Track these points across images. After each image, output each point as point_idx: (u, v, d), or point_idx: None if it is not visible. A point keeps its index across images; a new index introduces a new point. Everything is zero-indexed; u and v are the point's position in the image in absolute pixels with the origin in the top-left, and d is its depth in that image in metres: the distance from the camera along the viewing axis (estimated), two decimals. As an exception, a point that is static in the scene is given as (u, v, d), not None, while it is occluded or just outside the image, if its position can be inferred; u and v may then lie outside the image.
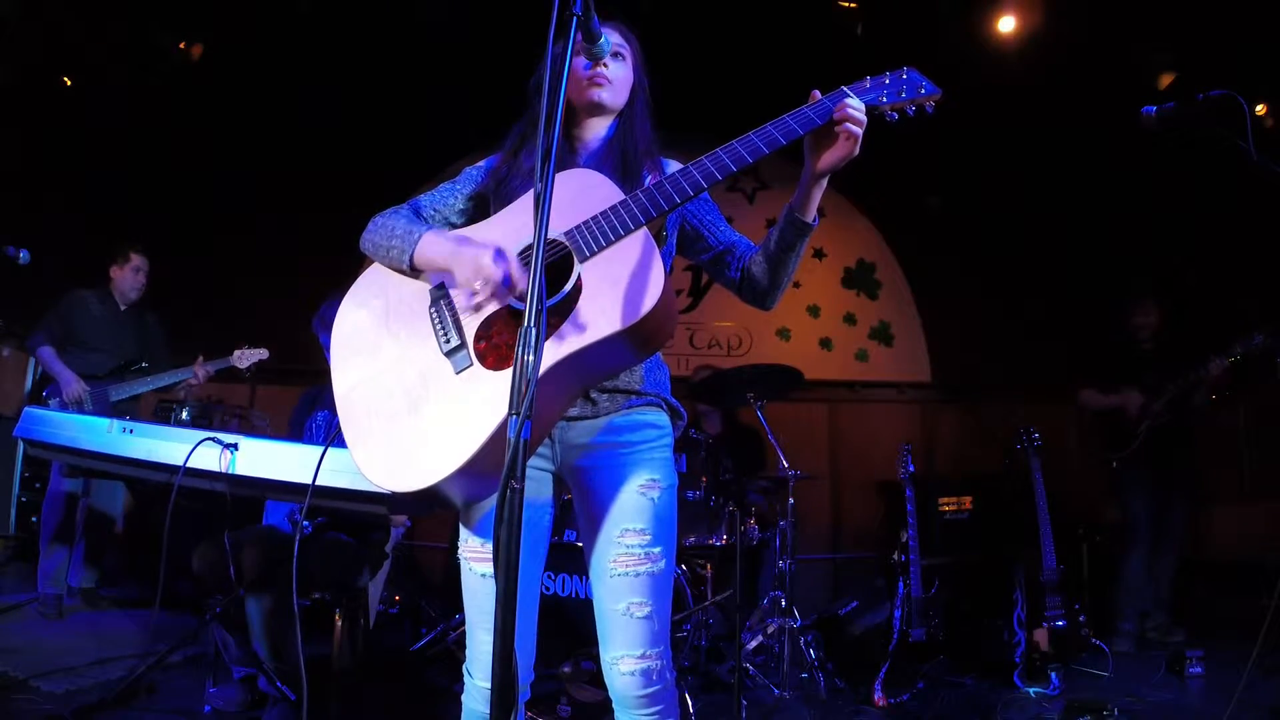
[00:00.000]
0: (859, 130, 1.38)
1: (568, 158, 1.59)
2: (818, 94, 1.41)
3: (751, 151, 1.40)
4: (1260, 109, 4.69)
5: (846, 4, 4.93)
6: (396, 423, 1.41)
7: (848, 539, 5.87)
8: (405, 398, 1.42)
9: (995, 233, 5.88)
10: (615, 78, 1.59)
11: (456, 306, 1.46)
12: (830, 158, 1.41)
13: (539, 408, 1.33)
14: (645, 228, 1.39)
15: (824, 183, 1.46)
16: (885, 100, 1.44)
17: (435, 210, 1.63)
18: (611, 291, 1.34)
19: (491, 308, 1.42)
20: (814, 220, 1.50)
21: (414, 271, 1.51)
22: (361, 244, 1.60)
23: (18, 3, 4.49)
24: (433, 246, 1.48)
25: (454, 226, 1.62)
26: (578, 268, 1.38)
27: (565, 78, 1.25)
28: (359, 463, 1.41)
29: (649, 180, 1.51)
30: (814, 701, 3.29)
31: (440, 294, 1.49)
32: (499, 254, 1.38)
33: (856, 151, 1.39)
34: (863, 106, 1.39)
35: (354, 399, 1.47)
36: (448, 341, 1.43)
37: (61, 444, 2.69)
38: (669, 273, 1.59)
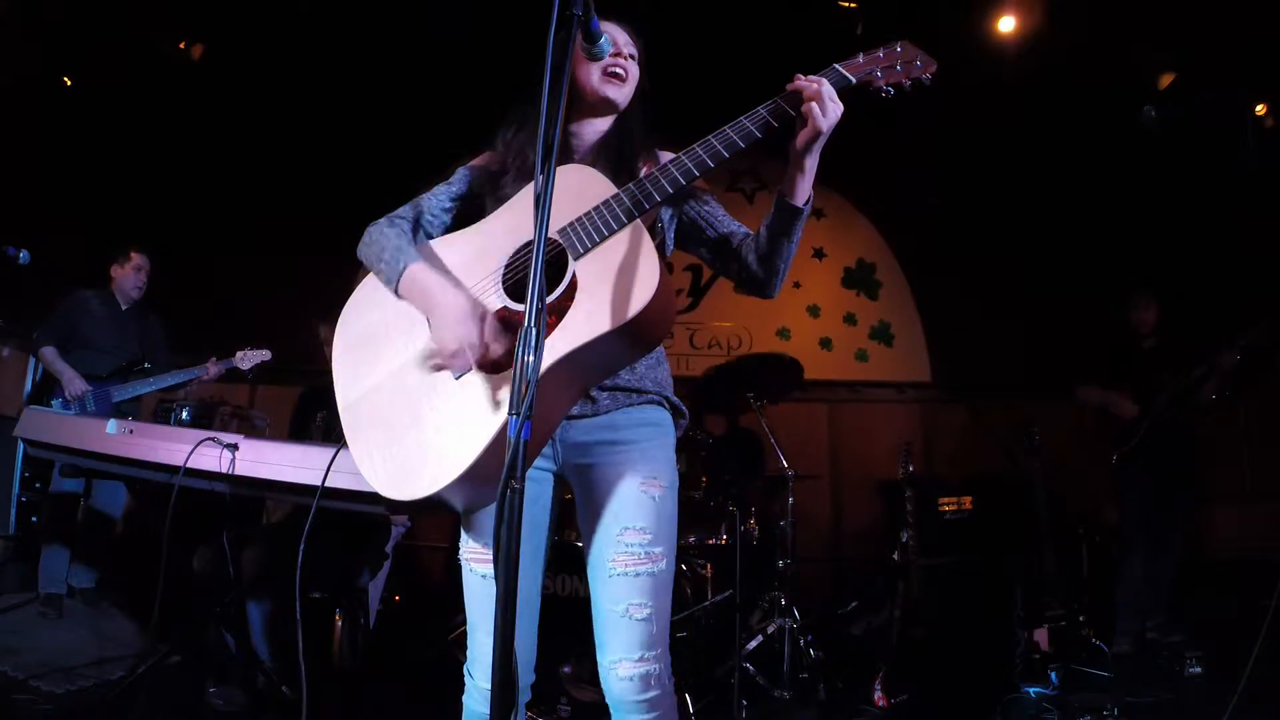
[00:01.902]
0: (815, 104, 1.36)
1: (563, 154, 1.57)
2: (800, 78, 1.39)
3: (744, 135, 1.39)
4: (1260, 109, 4.69)
5: (846, 4, 4.93)
6: (399, 433, 1.41)
7: (848, 539, 5.87)
8: (407, 407, 1.42)
9: (995, 233, 5.88)
10: (628, 75, 1.58)
11: None
12: (802, 136, 1.39)
13: (540, 409, 1.33)
14: (639, 221, 1.38)
15: (807, 164, 1.43)
16: (879, 75, 1.41)
17: (433, 215, 1.62)
18: (606, 288, 1.33)
19: (495, 304, 1.42)
20: (803, 205, 1.46)
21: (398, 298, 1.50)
22: (359, 253, 1.60)
23: (17, 2, 4.49)
24: (417, 285, 1.46)
25: (448, 227, 1.62)
26: (572, 266, 1.38)
27: (566, 76, 1.24)
28: (365, 475, 1.41)
29: (643, 172, 1.51)
30: (814, 702, 3.29)
31: None
32: (473, 317, 1.37)
33: (823, 126, 1.36)
34: (819, 80, 1.38)
35: (357, 411, 1.48)
36: None
37: (61, 444, 2.70)
38: (667, 268, 1.58)
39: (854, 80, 1.41)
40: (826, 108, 1.36)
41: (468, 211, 1.63)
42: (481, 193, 1.62)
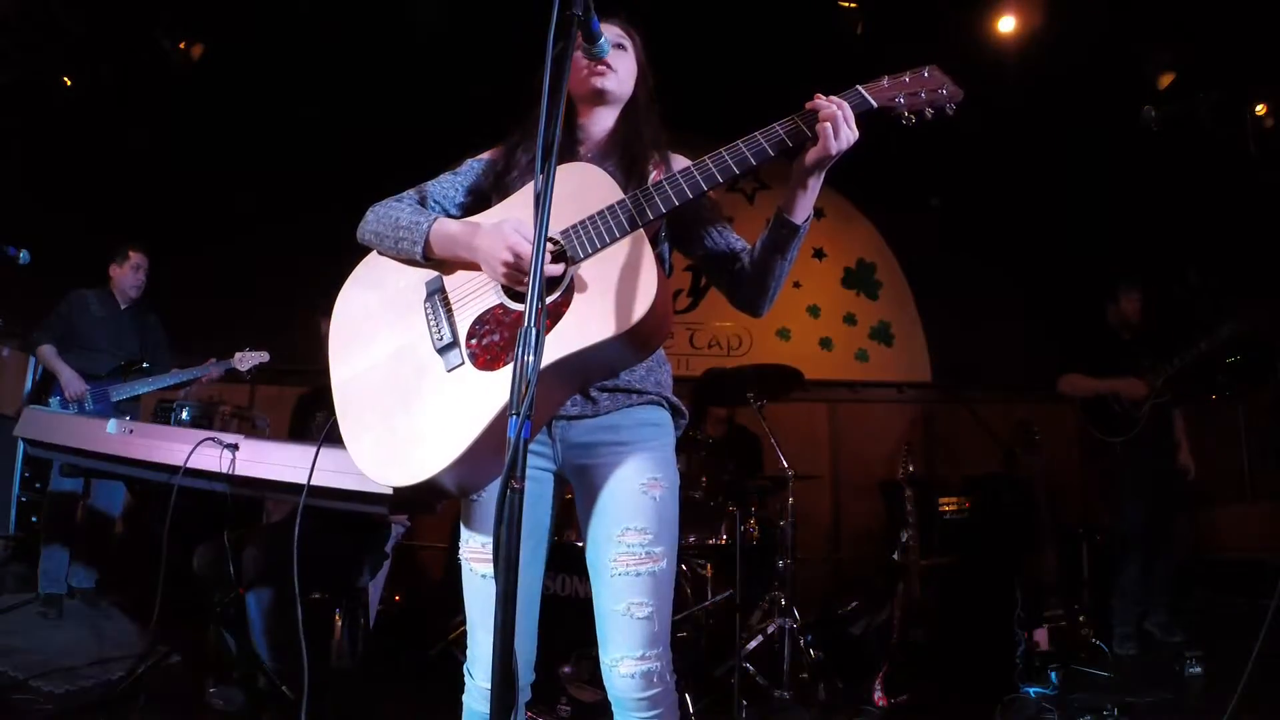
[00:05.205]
0: (830, 126, 1.33)
1: (571, 149, 1.57)
2: (820, 97, 1.37)
3: (757, 153, 1.38)
4: (1260, 109, 4.69)
5: (847, 4, 4.93)
6: (390, 418, 1.42)
7: (848, 539, 5.87)
8: (399, 393, 1.43)
9: (995, 232, 5.88)
10: (618, 66, 1.57)
11: (451, 302, 1.46)
12: (811, 155, 1.37)
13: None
14: (641, 230, 1.37)
15: (811, 183, 1.41)
16: (901, 101, 1.38)
17: (436, 201, 1.62)
18: (605, 296, 1.33)
19: (493, 300, 1.42)
20: (803, 222, 1.45)
21: (426, 261, 1.49)
22: (360, 233, 1.59)
23: (18, 2, 4.49)
24: (449, 233, 1.46)
25: (452, 218, 1.60)
26: (571, 270, 1.38)
27: (565, 77, 1.25)
28: (353, 455, 1.42)
29: (654, 176, 1.51)
30: (814, 701, 3.29)
31: (435, 288, 1.49)
32: (517, 230, 1.38)
33: (833, 150, 1.34)
34: (839, 102, 1.35)
35: (349, 391, 1.48)
36: (440, 338, 1.43)
37: (61, 444, 2.70)
38: (667, 274, 1.58)
39: (875, 105, 1.38)
40: (840, 131, 1.34)
41: (472, 205, 1.64)
42: (486, 187, 1.62)
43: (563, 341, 1.32)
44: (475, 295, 1.46)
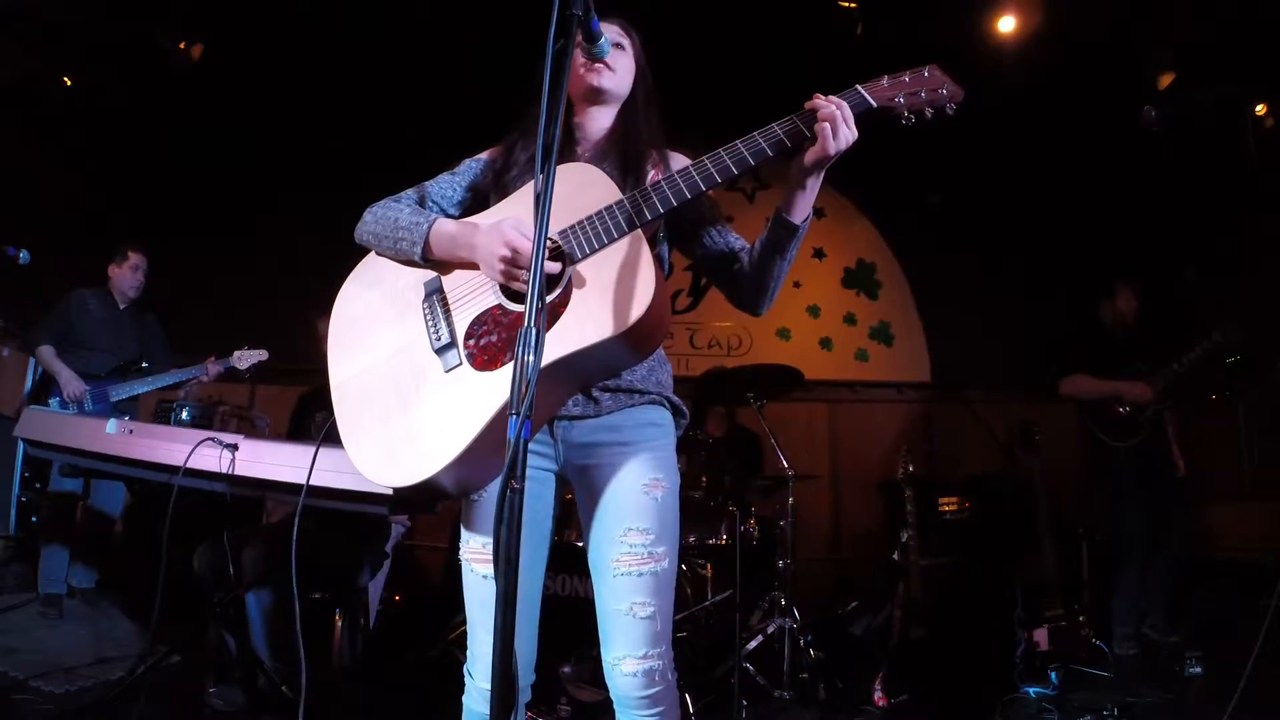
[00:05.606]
0: (829, 126, 1.33)
1: (569, 149, 1.57)
2: (819, 97, 1.37)
3: (755, 153, 1.38)
4: (1260, 109, 4.69)
5: (847, 4, 4.93)
6: (388, 418, 1.42)
7: (848, 539, 5.87)
8: (396, 393, 1.43)
9: (995, 232, 5.88)
10: (616, 65, 1.57)
11: (450, 302, 1.46)
12: (810, 155, 1.37)
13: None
14: (639, 230, 1.37)
15: (809, 183, 1.41)
16: (901, 101, 1.38)
17: (435, 201, 1.62)
18: (602, 297, 1.33)
19: (490, 300, 1.42)
20: (802, 222, 1.45)
21: (424, 263, 1.49)
22: (358, 233, 1.59)
23: (18, 2, 4.49)
24: (448, 233, 1.46)
25: (451, 219, 1.60)
26: (568, 270, 1.38)
27: (565, 76, 1.24)
28: (350, 455, 1.43)
29: (652, 175, 1.50)
30: (814, 702, 3.29)
31: (434, 288, 1.49)
32: (515, 228, 1.38)
33: (831, 150, 1.33)
34: (838, 102, 1.35)
35: (348, 391, 1.49)
36: (439, 339, 1.43)
37: (61, 444, 2.70)
38: (666, 274, 1.58)
39: (874, 104, 1.37)
40: (839, 132, 1.33)
41: (471, 204, 1.64)
42: (485, 187, 1.62)
43: (561, 341, 1.32)
44: (473, 296, 1.46)
